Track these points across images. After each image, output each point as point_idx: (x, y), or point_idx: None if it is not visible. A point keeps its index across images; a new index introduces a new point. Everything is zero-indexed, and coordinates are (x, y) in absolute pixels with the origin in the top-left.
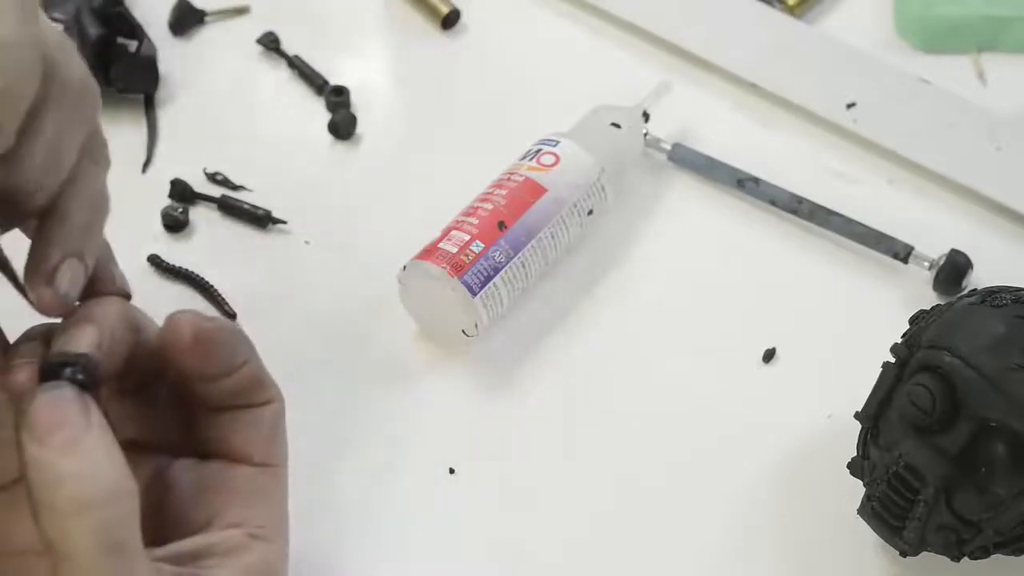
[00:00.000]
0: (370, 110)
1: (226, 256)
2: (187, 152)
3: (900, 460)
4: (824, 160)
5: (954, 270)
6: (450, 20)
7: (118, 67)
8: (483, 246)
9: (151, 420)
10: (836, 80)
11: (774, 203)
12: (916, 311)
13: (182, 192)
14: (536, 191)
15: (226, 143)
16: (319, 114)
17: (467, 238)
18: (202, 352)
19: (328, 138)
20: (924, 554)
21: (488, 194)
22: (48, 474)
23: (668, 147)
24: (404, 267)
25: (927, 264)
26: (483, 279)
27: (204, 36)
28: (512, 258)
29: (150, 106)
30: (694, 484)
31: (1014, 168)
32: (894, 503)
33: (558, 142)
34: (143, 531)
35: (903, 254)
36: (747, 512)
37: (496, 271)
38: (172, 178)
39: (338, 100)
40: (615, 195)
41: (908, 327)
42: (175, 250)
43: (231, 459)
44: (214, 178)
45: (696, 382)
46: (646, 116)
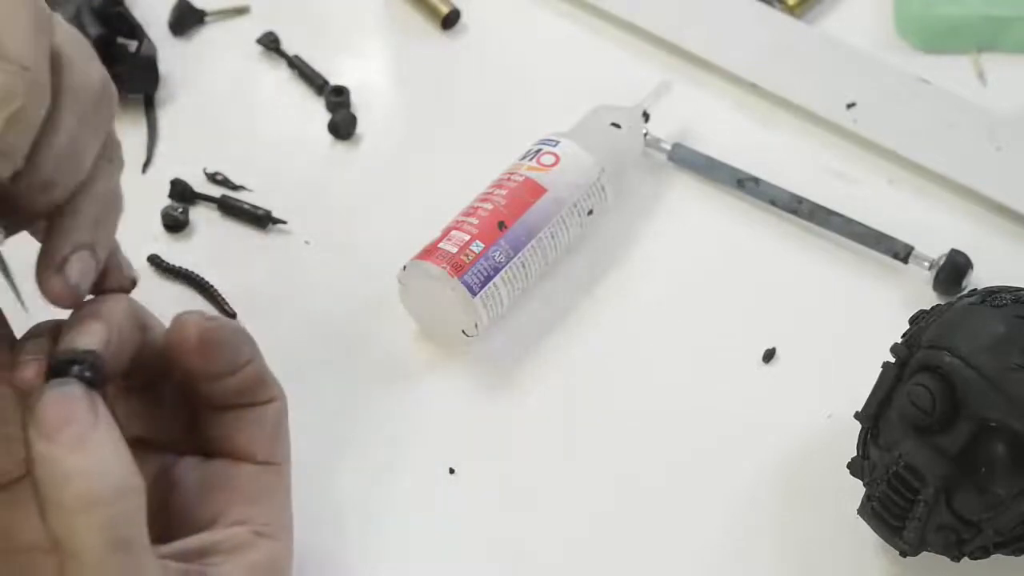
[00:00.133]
0: (370, 110)
1: (226, 256)
2: (187, 152)
3: (900, 460)
4: (824, 160)
5: (954, 270)
6: (450, 20)
7: (118, 67)
8: (483, 246)
9: (156, 418)
10: (836, 80)
11: (774, 203)
12: (916, 311)
13: (182, 192)
14: (536, 191)
15: (226, 143)
16: (319, 114)
17: (467, 238)
18: (207, 353)
19: (328, 138)
20: (924, 554)
21: (488, 194)
22: (56, 471)
23: (668, 147)
24: (404, 267)
25: (927, 264)
26: (483, 279)
27: (204, 36)
28: (512, 258)
29: (150, 106)
30: (694, 484)
31: (1014, 168)
32: (894, 503)
33: (558, 142)
34: (149, 528)
35: (903, 254)
36: (747, 512)
37: (496, 271)
38: (172, 178)
39: (338, 100)
40: (615, 195)
41: (908, 327)
42: (175, 250)
43: (235, 457)
44: (214, 178)
45: (696, 382)
46: (646, 116)
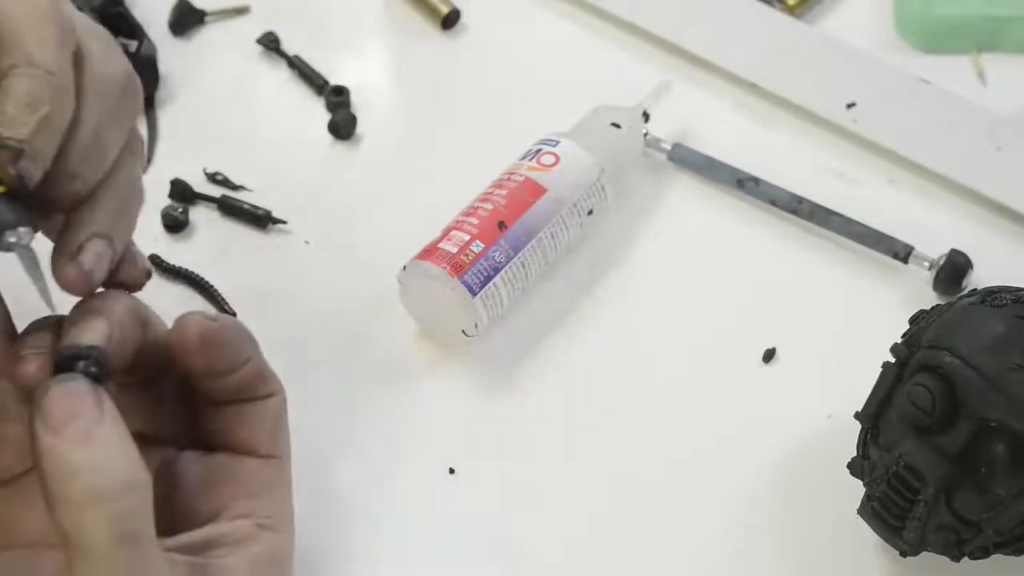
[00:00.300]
0: (370, 110)
1: (226, 256)
2: (187, 152)
3: (900, 460)
4: (824, 160)
5: (954, 270)
6: (450, 20)
7: None
8: (483, 246)
9: (158, 413)
10: (836, 80)
11: (774, 203)
12: (916, 311)
13: (182, 192)
14: (536, 191)
15: (226, 143)
16: (319, 114)
17: (467, 238)
18: (209, 353)
19: (328, 138)
20: (924, 554)
21: (488, 194)
22: (63, 466)
23: (668, 147)
24: (404, 267)
25: (927, 264)
26: (483, 279)
27: (204, 36)
28: (512, 258)
29: (150, 106)
30: (694, 484)
31: (1014, 168)
32: (894, 503)
33: (558, 142)
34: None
35: (903, 254)
36: (747, 512)
37: (496, 271)
38: (172, 178)
39: (338, 100)
40: (615, 195)
41: (908, 327)
42: (175, 250)
43: (237, 451)
44: (214, 178)
45: (696, 382)
46: (646, 116)
